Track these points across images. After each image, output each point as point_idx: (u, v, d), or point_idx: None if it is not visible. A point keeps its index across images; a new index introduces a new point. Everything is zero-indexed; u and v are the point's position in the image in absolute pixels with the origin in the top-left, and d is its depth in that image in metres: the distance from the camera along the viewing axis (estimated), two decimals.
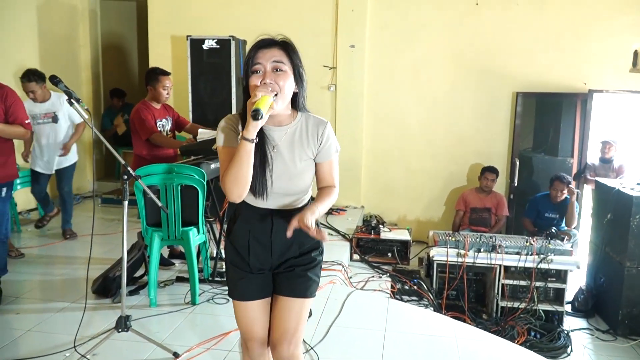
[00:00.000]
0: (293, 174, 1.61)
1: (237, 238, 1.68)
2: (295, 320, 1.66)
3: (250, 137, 1.47)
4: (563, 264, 4.13)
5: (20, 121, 3.09)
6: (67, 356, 2.50)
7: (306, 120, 1.65)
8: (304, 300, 1.68)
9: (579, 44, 5.30)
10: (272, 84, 1.52)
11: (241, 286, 1.68)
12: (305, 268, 1.68)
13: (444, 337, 2.85)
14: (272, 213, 1.64)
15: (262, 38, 1.58)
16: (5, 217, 3.13)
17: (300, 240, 1.65)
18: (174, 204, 3.04)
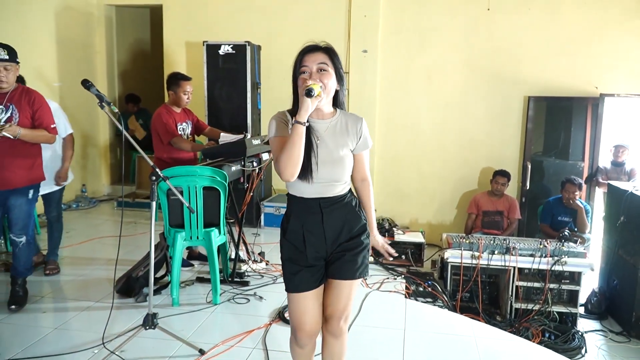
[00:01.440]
0: (335, 160, 1.81)
1: (293, 235, 1.87)
2: (345, 300, 1.87)
3: (303, 121, 1.68)
4: (577, 266, 4.15)
5: (46, 125, 3.13)
6: (95, 353, 2.57)
7: (345, 117, 1.88)
8: (353, 281, 1.87)
9: (590, 48, 5.35)
10: (318, 81, 1.74)
11: (297, 279, 1.86)
12: (354, 252, 1.86)
13: (464, 336, 2.89)
14: (320, 203, 1.82)
15: (308, 44, 1.81)
16: (31, 219, 3.20)
17: (349, 225, 1.86)
18: (196, 205, 3.11)
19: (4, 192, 3.04)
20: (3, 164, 3.00)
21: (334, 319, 1.87)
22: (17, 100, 3.04)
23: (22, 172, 3.07)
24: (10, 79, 3.01)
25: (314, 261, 1.86)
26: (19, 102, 3.04)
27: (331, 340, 1.92)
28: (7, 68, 2.98)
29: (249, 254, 3.81)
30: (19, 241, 3.12)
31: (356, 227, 1.88)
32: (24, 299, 3.15)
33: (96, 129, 6.50)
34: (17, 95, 3.05)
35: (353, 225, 1.87)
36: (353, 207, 1.89)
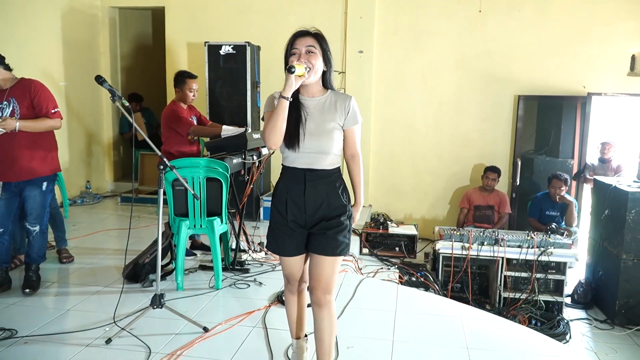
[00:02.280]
0: (322, 132, 1.98)
1: (278, 201, 2.07)
2: (327, 273, 2.05)
3: (286, 95, 1.88)
4: (562, 257, 4.36)
5: (45, 111, 3.15)
6: (107, 330, 2.75)
7: (335, 95, 2.06)
8: (334, 258, 2.06)
9: (578, 49, 5.56)
10: (305, 62, 1.94)
11: (280, 244, 2.10)
12: (336, 231, 2.03)
13: (450, 316, 3.08)
14: (305, 175, 2.00)
15: (299, 29, 2.00)
16: (46, 210, 3.36)
17: (329, 201, 2.03)
18: (200, 195, 3.29)
19: (20, 183, 3.22)
20: (18, 155, 3.16)
21: (317, 290, 2.07)
22: (16, 93, 3.14)
23: (35, 164, 3.23)
24: None
25: (294, 227, 2.05)
26: (18, 94, 3.13)
27: (317, 310, 2.09)
28: None
29: (249, 243, 3.99)
30: (33, 230, 3.31)
31: (335, 205, 2.03)
32: (37, 284, 3.34)
33: (100, 127, 6.69)
34: (16, 88, 3.16)
35: (332, 203, 2.03)
36: (336, 187, 2.04)
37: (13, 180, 3.21)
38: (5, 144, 3.15)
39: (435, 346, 2.71)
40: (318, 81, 2.02)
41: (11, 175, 3.20)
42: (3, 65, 3.15)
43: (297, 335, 2.33)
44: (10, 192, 3.23)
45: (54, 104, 3.25)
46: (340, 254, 2.06)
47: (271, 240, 2.14)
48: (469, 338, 2.80)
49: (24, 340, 2.64)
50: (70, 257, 3.94)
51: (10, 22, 5.13)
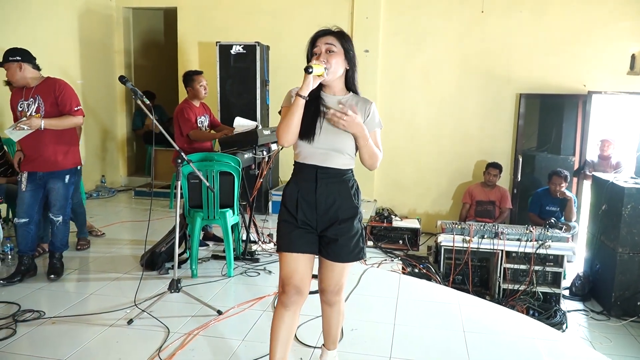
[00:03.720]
0: (339, 130, 1.90)
1: (289, 199, 2.00)
2: (339, 277, 2.05)
3: (303, 94, 1.85)
4: (560, 250, 4.51)
5: (69, 109, 3.33)
6: (128, 312, 2.96)
7: (356, 98, 2.01)
8: (346, 264, 2.02)
9: (578, 48, 5.69)
10: (324, 61, 1.89)
11: (288, 238, 1.98)
12: (348, 237, 1.96)
13: (449, 304, 3.26)
14: (317, 172, 1.94)
15: (321, 28, 1.97)
16: (67, 201, 3.57)
17: (340, 202, 1.96)
18: (213, 187, 3.49)
19: (44, 174, 3.43)
20: (42, 149, 3.38)
21: (328, 292, 2.07)
22: (41, 91, 3.35)
23: (58, 157, 3.44)
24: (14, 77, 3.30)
25: (303, 225, 1.97)
26: (43, 92, 3.34)
27: (326, 308, 2.15)
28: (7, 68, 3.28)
29: (259, 235, 4.19)
30: (57, 220, 3.52)
31: (347, 207, 1.95)
32: (61, 270, 3.56)
33: (114, 124, 6.92)
34: (41, 86, 3.37)
35: (344, 205, 1.95)
36: (349, 188, 1.96)
37: (38, 170, 3.41)
38: (32, 138, 3.36)
39: (433, 329, 2.89)
40: (340, 80, 1.97)
41: (36, 166, 3.41)
42: (32, 65, 3.36)
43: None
44: (35, 183, 3.43)
45: (77, 101, 3.44)
46: (355, 259, 2.01)
47: (280, 238, 2.02)
48: (466, 323, 2.98)
49: (51, 321, 2.85)
50: (87, 244, 4.19)
51: (31, 23, 5.36)
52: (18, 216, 3.44)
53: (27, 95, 3.37)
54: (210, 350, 2.58)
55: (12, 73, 3.32)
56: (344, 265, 2.02)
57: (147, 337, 2.67)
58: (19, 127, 3.22)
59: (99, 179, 6.54)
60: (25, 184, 3.42)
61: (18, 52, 3.35)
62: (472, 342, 2.74)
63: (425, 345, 2.71)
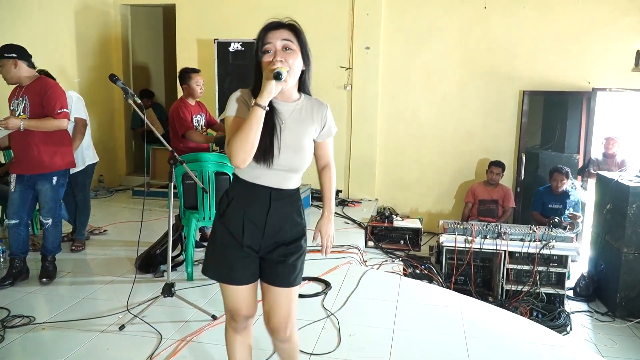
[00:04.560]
0: (299, 147, 1.69)
1: (231, 220, 1.72)
2: (289, 307, 1.78)
3: (263, 104, 1.56)
4: (564, 250, 4.42)
5: (51, 110, 3.19)
6: (120, 317, 2.89)
7: (310, 101, 1.76)
8: (293, 288, 1.79)
9: (583, 44, 5.59)
10: (282, 61, 1.60)
11: (231, 268, 1.73)
12: (296, 257, 1.76)
13: (450, 307, 3.18)
14: (271, 194, 1.70)
15: (271, 21, 1.68)
16: (57, 203, 3.48)
17: (291, 224, 1.74)
18: (208, 188, 3.41)
19: (32, 176, 3.35)
20: (29, 151, 3.29)
21: (281, 329, 1.79)
22: (30, 91, 3.28)
23: (46, 159, 3.33)
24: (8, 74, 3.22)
25: (248, 251, 1.73)
26: (31, 92, 3.27)
27: (279, 344, 1.88)
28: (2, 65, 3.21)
29: None
30: (46, 222, 3.43)
31: (297, 229, 1.76)
32: (53, 273, 3.49)
33: (112, 122, 6.85)
34: (31, 86, 3.29)
35: (294, 226, 1.75)
36: (299, 207, 1.77)
37: (24, 172, 3.33)
38: (19, 138, 3.29)
39: (433, 334, 2.82)
40: (295, 83, 1.71)
41: (22, 168, 3.33)
42: (28, 63, 3.30)
43: None
44: (23, 184, 3.35)
45: (62, 104, 3.27)
46: (295, 283, 1.79)
47: (215, 264, 1.76)
48: (467, 327, 2.90)
49: (41, 327, 2.79)
50: (81, 246, 4.12)
51: (27, 21, 5.29)
52: (9, 217, 3.38)
53: (18, 94, 3.31)
54: (203, 357, 2.52)
55: (7, 70, 3.25)
56: (293, 291, 1.78)
57: (139, 344, 2.61)
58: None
59: (97, 178, 6.46)
60: (14, 185, 3.35)
61: (14, 48, 3.28)
62: (474, 348, 2.66)
63: (425, 351, 2.63)
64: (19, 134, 3.26)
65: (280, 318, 1.78)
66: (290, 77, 1.64)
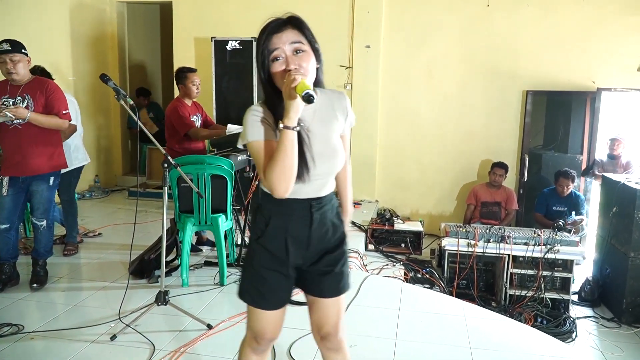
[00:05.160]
0: (332, 150, 1.54)
1: (271, 240, 1.58)
2: (339, 314, 1.69)
3: (293, 125, 1.39)
4: (569, 254, 4.32)
5: (57, 111, 3.22)
6: (112, 326, 2.78)
7: (326, 95, 1.58)
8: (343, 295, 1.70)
9: (587, 43, 5.48)
10: (297, 68, 1.43)
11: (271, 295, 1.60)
12: (342, 263, 1.66)
13: (454, 315, 3.08)
14: (311, 205, 1.56)
15: (270, 21, 1.48)
16: (52, 204, 3.42)
17: (334, 229, 1.63)
18: (204, 192, 3.31)
19: (27, 178, 3.26)
20: (26, 152, 3.20)
21: (331, 336, 1.69)
22: (31, 90, 3.20)
23: (43, 160, 3.27)
24: (20, 70, 3.15)
25: (292, 272, 1.62)
26: (33, 91, 3.20)
27: (333, 355, 1.75)
28: (13, 59, 3.12)
29: None
30: (40, 225, 3.35)
31: (339, 232, 1.65)
32: (44, 279, 3.38)
33: (108, 121, 6.74)
34: (31, 85, 3.22)
35: (337, 231, 1.64)
36: (336, 209, 1.66)
37: (20, 175, 3.24)
38: (13, 140, 3.20)
39: (438, 345, 2.71)
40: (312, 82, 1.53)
41: (19, 171, 3.23)
42: (23, 54, 3.18)
43: None
44: (16, 187, 3.26)
45: (66, 105, 3.33)
46: (346, 289, 1.69)
47: (253, 290, 1.61)
48: (473, 338, 2.80)
49: (30, 336, 2.68)
50: (74, 249, 4.02)
51: (21, 18, 5.17)
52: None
53: (13, 92, 3.20)
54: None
55: (23, 66, 3.17)
56: (342, 299, 1.69)
57: (131, 355, 2.50)
58: (3, 113, 3.04)
59: (92, 178, 6.36)
60: (7, 189, 3.24)
61: (23, 45, 3.19)
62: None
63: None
64: (11, 135, 3.18)
65: (332, 325, 1.68)
66: (311, 82, 1.45)
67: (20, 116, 3.10)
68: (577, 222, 4.89)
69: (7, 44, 3.11)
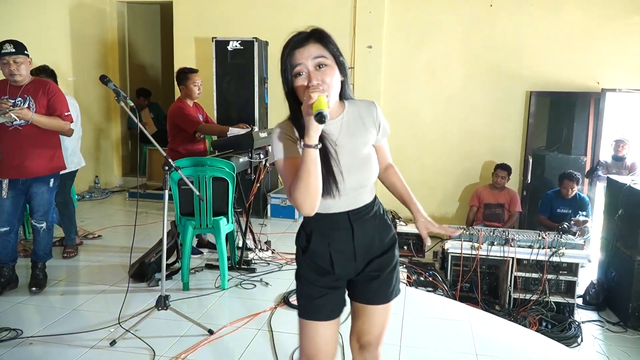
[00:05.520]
0: (361, 162, 1.54)
1: (317, 255, 1.58)
2: (384, 322, 1.65)
3: (314, 143, 1.37)
4: (574, 258, 4.27)
5: (60, 113, 3.20)
6: (111, 331, 2.74)
7: (355, 107, 1.58)
8: (391, 303, 1.66)
9: (592, 43, 5.43)
10: (319, 84, 1.41)
11: (319, 303, 1.57)
12: (390, 269, 1.63)
13: (459, 321, 3.03)
14: (350, 217, 1.55)
15: (293, 35, 1.46)
16: (52, 206, 3.37)
17: (381, 236, 1.61)
18: (205, 195, 3.26)
19: (27, 180, 3.21)
20: (26, 154, 3.16)
21: (372, 346, 1.66)
22: (32, 91, 3.16)
23: (43, 162, 3.23)
24: (22, 71, 3.11)
25: (342, 283, 1.61)
26: (35, 93, 3.16)
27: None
28: (16, 61, 3.07)
29: (255, 242, 3.96)
30: (40, 227, 3.30)
31: (387, 238, 1.63)
32: (44, 282, 3.34)
33: (109, 122, 6.69)
34: (32, 86, 3.18)
35: (384, 237, 1.62)
36: (382, 215, 1.63)
37: (20, 177, 3.20)
38: (12, 142, 3.15)
39: (444, 352, 2.67)
40: (336, 96, 1.52)
41: (19, 173, 3.19)
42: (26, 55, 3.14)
43: None
44: (16, 190, 3.21)
45: (67, 107, 3.31)
46: (395, 295, 1.66)
47: (306, 305, 1.61)
48: (478, 343, 2.75)
49: (29, 341, 2.64)
50: (73, 252, 3.97)
51: (19, 17, 5.12)
52: None
53: (13, 92, 3.15)
54: None
55: (25, 67, 3.13)
56: (386, 307, 1.64)
57: None
58: (8, 114, 2.99)
59: (92, 179, 6.31)
60: (6, 191, 3.20)
61: (25, 47, 3.15)
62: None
63: None
64: (11, 136, 3.14)
65: (375, 335, 1.65)
66: (332, 97, 1.45)
67: (25, 117, 3.06)
68: (581, 221, 4.84)
69: (10, 45, 3.07)
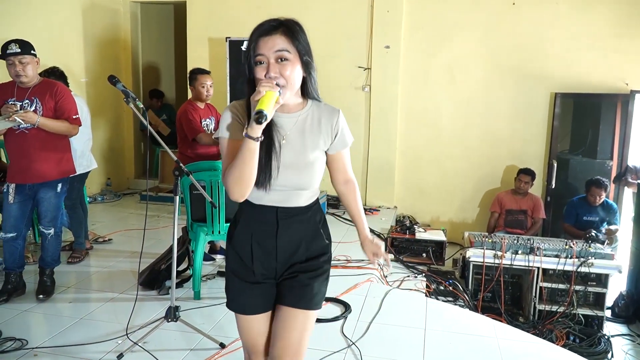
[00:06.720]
0: (303, 165, 1.49)
1: (239, 244, 1.55)
2: (299, 333, 1.52)
3: (255, 136, 1.34)
4: (604, 268, 4.06)
5: (67, 115, 3.11)
6: (119, 343, 2.62)
7: (318, 110, 1.54)
8: (308, 312, 1.54)
9: (620, 43, 5.20)
10: (276, 77, 1.40)
11: (242, 298, 1.56)
12: (311, 276, 1.54)
13: (485, 337, 2.85)
14: (277, 213, 1.51)
15: (263, 22, 1.44)
16: (60, 212, 3.27)
17: (307, 244, 1.55)
18: (218, 200, 3.13)
19: (34, 185, 3.11)
20: (33, 157, 3.06)
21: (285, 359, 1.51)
22: (40, 93, 3.06)
23: (51, 166, 3.13)
24: (29, 72, 3.01)
25: (262, 278, 1.54)
26: (42, 94, 3.06)
27: None
28: (22, 61, 2.97)
29: None
30: (48, 233, 3.20)
31: (315, 247, 1.56)
32: (51, 289, 3.24)
33: (121, 123, 6.62)
34: (40, 88, 3.08)
35: (312, 246, 1.56)
36: (316, 224, 1.57)
37: (28, 182, 3.10)
38: (19, 145, 3.06)
39: None
40: (297, 92, 1.50)
41: (26, 178, 3.09)
42: (33, 55, 3.04)
43: None
44: (23, 194, 3.12)
45: (76, 110, 3.20)
46: (316, 306, 1.55)
47: (231, 293, 1.60)
48: None
49: (33, 352, 2.53)
50: (78, 257, 3.86)
51: (31, 17, 5.06)
52: (4, 230, 3.12)
53: (20, 94, 3.05)
54: None
55: (32, 68, 3.03)
56: (305, 315, 1.52)
57: None
58: (12, 118, 2.88)
59: (104, 181, 6.24)
60: (13, 196, 3.10)
61: (32, 46, 3.04)
62: None
63: None
64: (17, 140, 3.05)
65: (287, 344, 1.51)
66: (287, 92, 1.43)
67: (30, 121, 2.95)
68: (612, 231, 4.62)
69: (16, 45, 2.96)
